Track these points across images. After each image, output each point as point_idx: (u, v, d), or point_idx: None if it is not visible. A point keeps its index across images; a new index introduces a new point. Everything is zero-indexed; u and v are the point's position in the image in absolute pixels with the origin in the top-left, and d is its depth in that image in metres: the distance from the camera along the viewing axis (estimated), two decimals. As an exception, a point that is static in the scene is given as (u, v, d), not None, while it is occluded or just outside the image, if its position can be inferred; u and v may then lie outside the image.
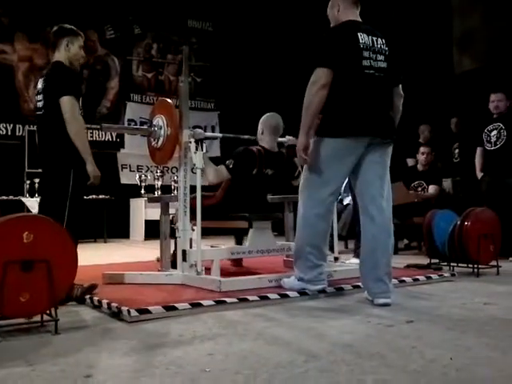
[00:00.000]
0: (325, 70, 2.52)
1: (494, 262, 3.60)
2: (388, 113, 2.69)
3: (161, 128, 3.26)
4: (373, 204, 2.61)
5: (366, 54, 2.56)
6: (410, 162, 6.04)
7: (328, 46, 2.58)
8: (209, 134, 3.51)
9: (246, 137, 3.69)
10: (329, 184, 2.63)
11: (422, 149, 5.55)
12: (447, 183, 6.18)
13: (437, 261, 3.77)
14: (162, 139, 3.25)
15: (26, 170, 7.13)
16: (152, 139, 3.35)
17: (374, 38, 2.61)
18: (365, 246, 2.65)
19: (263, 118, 3.49)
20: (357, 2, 2.73)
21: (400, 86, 2.78)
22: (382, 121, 2.62)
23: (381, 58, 2.61)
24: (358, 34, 2.57)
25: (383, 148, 2.65)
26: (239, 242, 4.02)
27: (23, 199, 6.82)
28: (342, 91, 2.55)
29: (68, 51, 2.91)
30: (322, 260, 2.73)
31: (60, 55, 2.92)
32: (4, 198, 6.81)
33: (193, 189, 3.13)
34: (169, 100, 3.41)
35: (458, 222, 3.57)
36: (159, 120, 3.28)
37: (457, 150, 6.44)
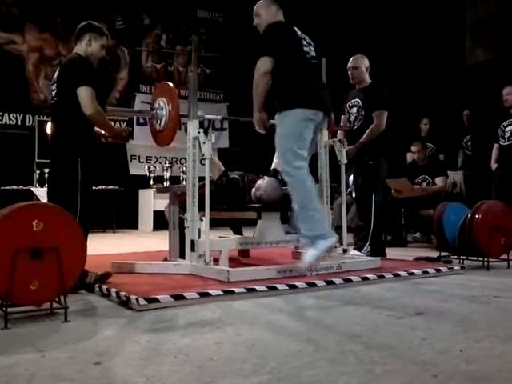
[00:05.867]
0: (267, 58, 2.89)
1: (504, 256, 3.57)
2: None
3: (162, 109, 3.27)
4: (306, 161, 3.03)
5: (304, 42, 3.07)
6: (410, 157, 5.94)
7: (271, 37, 2.98)
8: (210, 116, 3.55)
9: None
10: (304, 147, 2.92)
11: (412, 148, 5.55)
12: (458, 176, 6.12)
13: (447, 254, 3.74)
14: (164, 119, 3.27)
15: (36, 159, 7.16)
16: (154, 121, 3.37)
17: (303, 34, 3.11)
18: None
19: None
20: (280, 9, 3.19)
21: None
22: (328, 100, 3.08)
23: (312, 48, 3.13)
24: (294, 27, 3.07)
25: (323, 122, 3.14)
26: (238, 232, 4.02)
27: (33, 189, 6.86)
28: (296, 72, 2.97)
29: (89, 46, 2.94)
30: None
31: (80, 48, 2.95)
32: (14, 187, 6.86)
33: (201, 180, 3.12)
34: (169, 83, 3.45)
35: (469, 215, 3.54)
36: (160, 102, 3.31)
37: (469, 143, 6.37)
